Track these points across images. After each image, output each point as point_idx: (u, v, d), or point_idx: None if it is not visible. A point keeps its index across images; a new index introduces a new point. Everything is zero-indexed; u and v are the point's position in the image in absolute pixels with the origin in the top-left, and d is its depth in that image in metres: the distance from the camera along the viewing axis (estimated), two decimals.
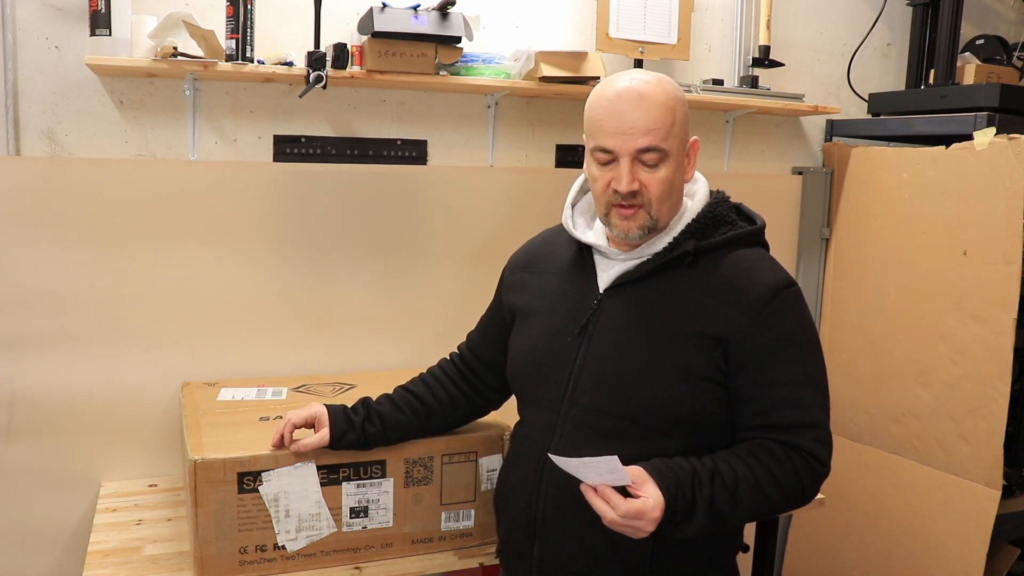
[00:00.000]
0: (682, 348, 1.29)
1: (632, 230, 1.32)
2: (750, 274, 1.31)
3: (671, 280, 1.32)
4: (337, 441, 1.51)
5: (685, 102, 1.33)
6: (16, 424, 1.89)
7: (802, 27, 2.63)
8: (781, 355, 1.29)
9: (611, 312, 1.35)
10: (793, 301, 1.32)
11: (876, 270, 2.49)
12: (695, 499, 1.22)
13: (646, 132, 1.27)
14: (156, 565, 1.57)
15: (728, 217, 1.36)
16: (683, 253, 1.31)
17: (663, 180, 1.29)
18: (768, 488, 1.26)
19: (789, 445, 1.28)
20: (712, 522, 1.24)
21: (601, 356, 1.33)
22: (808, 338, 1.33)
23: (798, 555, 2.69)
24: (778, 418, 1.28)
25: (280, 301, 2.07)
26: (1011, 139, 2.07)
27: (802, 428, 1.28)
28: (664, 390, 1.29)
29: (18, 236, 1.85)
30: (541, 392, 1.39)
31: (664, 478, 1.22)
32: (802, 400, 1.29)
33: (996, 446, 2.11)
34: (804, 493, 1.31)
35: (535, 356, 1.42)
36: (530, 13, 2.28)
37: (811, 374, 1.31)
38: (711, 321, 1.29)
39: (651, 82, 1.30)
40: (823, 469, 1.30)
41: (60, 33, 1.87)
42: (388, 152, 2.18)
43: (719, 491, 1.24)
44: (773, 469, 1.26)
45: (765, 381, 1.29)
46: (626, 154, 1.28)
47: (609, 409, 1.31)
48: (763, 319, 1.28)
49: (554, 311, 1.42)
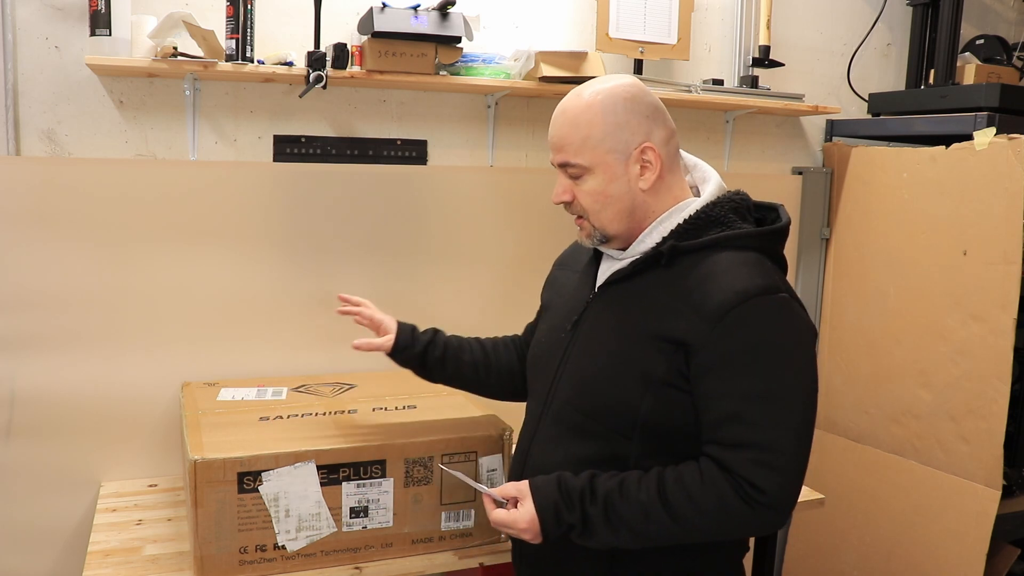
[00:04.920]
0: (645, 350, 1.25)
1: (583, 239, 1.37)
2: (720, 278, 1.22)
3: (651, 281, 1.30)
4: (399, 351, 1.57)
5: (625, 110, 1.28)
6: (16, 424, 1.89)
7: (802, 27, 2.63)
8: (735, 366, 1.19)
9: (597, 310, 1.36)
10: (763, 310, 1.20)
11: (876, 270, 2.49)
12: (586, 514, 1.24)
13: (559, 148, 1.31)
14: (156, 565, 1.57)
15: (725, 218, 1.30)
16: (658, 253, 1.28)
17: (589, 192, 1.30)
18: (680, 512, 1.20)
19: (721, 465, 1.20)
20: (619, 537, 1.23)
21: (581, 353, 1.35)
22: (776, 351, 1.20)
23: (798, 555, 2.69)
24: (721, 434, 1.21)
25: (280, 301, 2.07)
26: (1011, 139, 2.07)
27: (742, 447, 1.18)
28: (622, 391, 1.27)
29: (18, 236, 1.85)
30: (536, 384, 1.44)
31: (542, 494, 1.26)
32: (752, 417, 1.18)
33: (996, 446, 2.11)
34: (735, 521, 1.20)
35: (537, 349, 1.47)
36: (530, 13, 2.28)
37: (772, 390, 1.19)
38: (674, 325, 1.23)
39: (581, 96, 1.30)
40: (761, 498, 1.17)
41: (60, 33, 1.87)
42: (388, 152, 2.18)
43: (617, 508, 1.22)
44: (692, 494, 1.20)
45: (716, 392, 1.21)
46: (556, 167, 1.33)
47: (579, 406, 1.33)
48: (723, 327, 1.19)
49: (559, 307, 1.46)
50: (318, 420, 1.70)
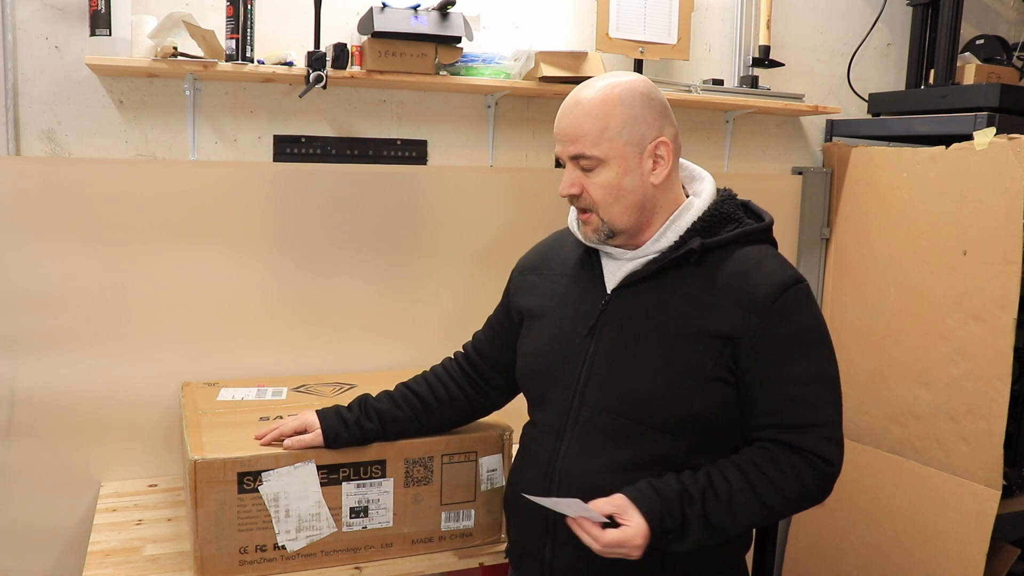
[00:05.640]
0: (690, 348, 1.28)
1: (588, 234, 1.35)
2: (757, 271, 1.29)
3: (677, 279, 1.32)
4: (332, 441, 1.52)
5: (641, 104, 1.30)
6: (16, 424, 1.89)
7: (802, 27, 2.63)
8: (791, 353, 1.27)
9: (619, 312, 1.35)
10: (802, 297, 1.30)
11: (876, 270, 2.49)
12: (685, 517, 1.23)
13: (574, 139, 1.30)
14: (156, 565, 1.57)
15: (735, 214, 1.35)
16: (689, 251, 1.30)
17: (602, 185, 1.30)
18: (768, 497, 1.25)
19: (794, 447, 1.27)
20: (709, 535, 1.24)
21: (610, 357, 1.33)
22: (818, 334, 1.31)
23: (798, 555, 2.69)
24: (786, 417, 1.27)
25: (280, 301, 2.07)
26: (1011, 139, 2.07)
27: (810, 427, 1.27)
28: (673, 390, 1.28)
29: (18, 236, 1.85)
30: (550, 394, 1.40)
31: (647, 503, 1.23)
32: (811, 398, 1.27)
33: (996, 446, 2.11)
34: (811, 495, 1.29)
35: (544, 358, 1.42)
36: (530, 13, 2.28)
37: (822, 371, 1.30)
38: (719, 320, 1.28)
39: (596, 88, 1.30)
40: (831, 469, 1.28)
41: (60, 33, 1.87)
42: (388, 152, 2.18)
43: (712, 506, 1.24)
44: (774, 477, 1.25)
45: (774, 379, 1.27)
46: (566, 160, 1.32)
47: (618, 410, 1.31)
48: (771, 317, 1.26)
49: (562, 313, 1.42)
50: None
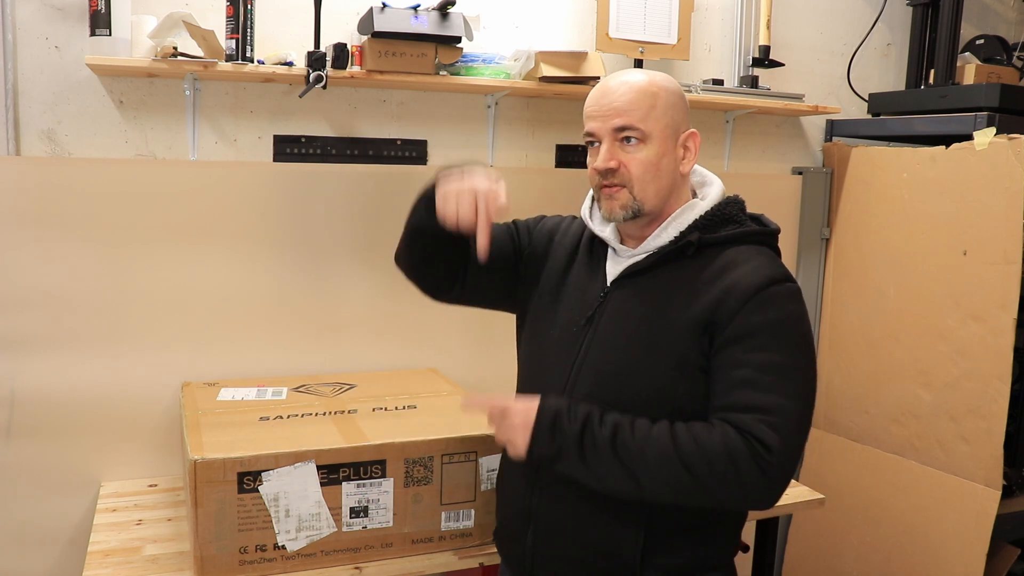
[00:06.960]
0: (678, 337, 1.29)
1: (615, 209, 1.35)
2: (749, 263, 1.31)
3: (674, 270, 1.34)
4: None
5: (678, 94, 1.36)
6: (16, 424, 1.89)
7: (802, 27, 2.63)
8: (758, 341, 1.25)
9: (616, 304, 1.37)
10: (787, 295, 1.30)
11: (876, 270, 2.49)
12: (585, 430, 1.25)
13: (622, 112, 1.32)
14: (156, 565, 1.57)
15: (738, 217, 1.37)
16: (687, 243, 1.33)
17: (642, 160, 1.32)
18: (688, 457, 1.21)
19: (735, 425, 1.22)
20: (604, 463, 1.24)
21: (603, 347, 1.35)
22: (794, 333, 1.28)
23: (798, 555, 2.69)
24: (735, 398, 1.24)
25: (280, 301, 2.07)
26: (1011, 139, 2.07)
27: (754, 410, 1.22)
28: (658, 380, 1.30)
29: (18, 236, 1.85)
30: (545, 381, 1.41)
31: (554, 399, 1.29)
32: (764, 384, 1.23)
33: (996, 446, 2.11)
34: (741, 478, 1.21)
35: (542, 344, 1.45)
36: (530, 13, 2.28)
37: (785, 363, 1.25)
38: (702, 305, 1.28)
39: (642, 73, 1.36)
40: (768, 456, 1.19)
41: (60, 33, 1.87)
42: (388, 152, 2.18)
43: (623, 439, 1.24)
44: (702, 441, 1.22)
45: (734, 362, 1.26)
46: (605, 134, 1.33)
47: (606, 400, 1.32)
48: (750, 304, 1.26)
49: (563, 301, 1.44)
50: (318, 420, 1.70)
